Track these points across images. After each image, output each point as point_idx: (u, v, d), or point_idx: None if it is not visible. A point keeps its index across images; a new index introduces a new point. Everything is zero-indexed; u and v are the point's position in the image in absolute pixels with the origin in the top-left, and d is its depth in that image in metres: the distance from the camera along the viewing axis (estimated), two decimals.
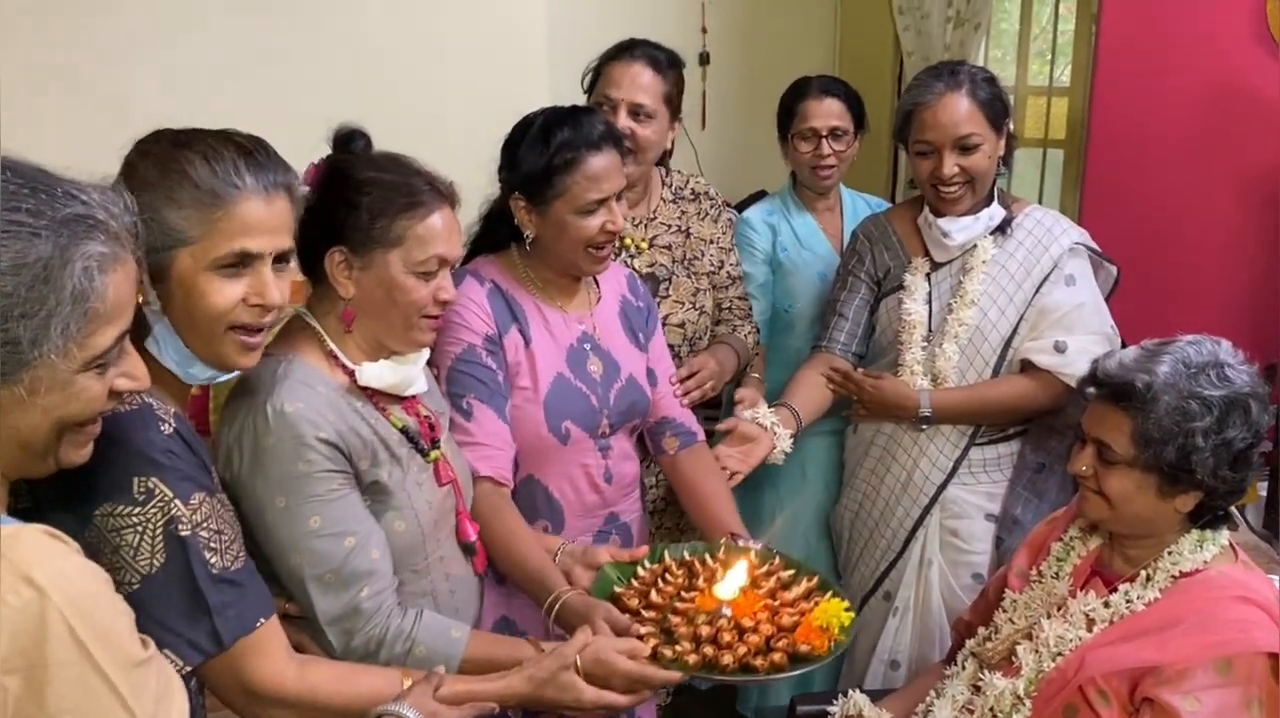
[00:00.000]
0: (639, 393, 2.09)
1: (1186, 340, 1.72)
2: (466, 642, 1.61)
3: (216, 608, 1.32)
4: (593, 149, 1.89)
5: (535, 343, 1.97)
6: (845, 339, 2.49)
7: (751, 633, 1.66)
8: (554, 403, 1.96)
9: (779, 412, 2.33)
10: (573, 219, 1.91)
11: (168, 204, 1.31)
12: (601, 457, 2.04)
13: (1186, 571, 1.70)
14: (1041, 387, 2.28)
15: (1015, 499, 2.37)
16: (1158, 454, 1.66)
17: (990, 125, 2.26)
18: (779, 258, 2.79)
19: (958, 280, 2.35)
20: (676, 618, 1.69)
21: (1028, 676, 1.76)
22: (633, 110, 2.31)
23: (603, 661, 1.56)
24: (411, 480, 1.67)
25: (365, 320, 1.65)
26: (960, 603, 2.40)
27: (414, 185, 1.63)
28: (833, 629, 1.69)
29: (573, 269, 2.00)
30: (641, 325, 2.15)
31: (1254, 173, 2.48)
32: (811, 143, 2.72)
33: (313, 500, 1.52)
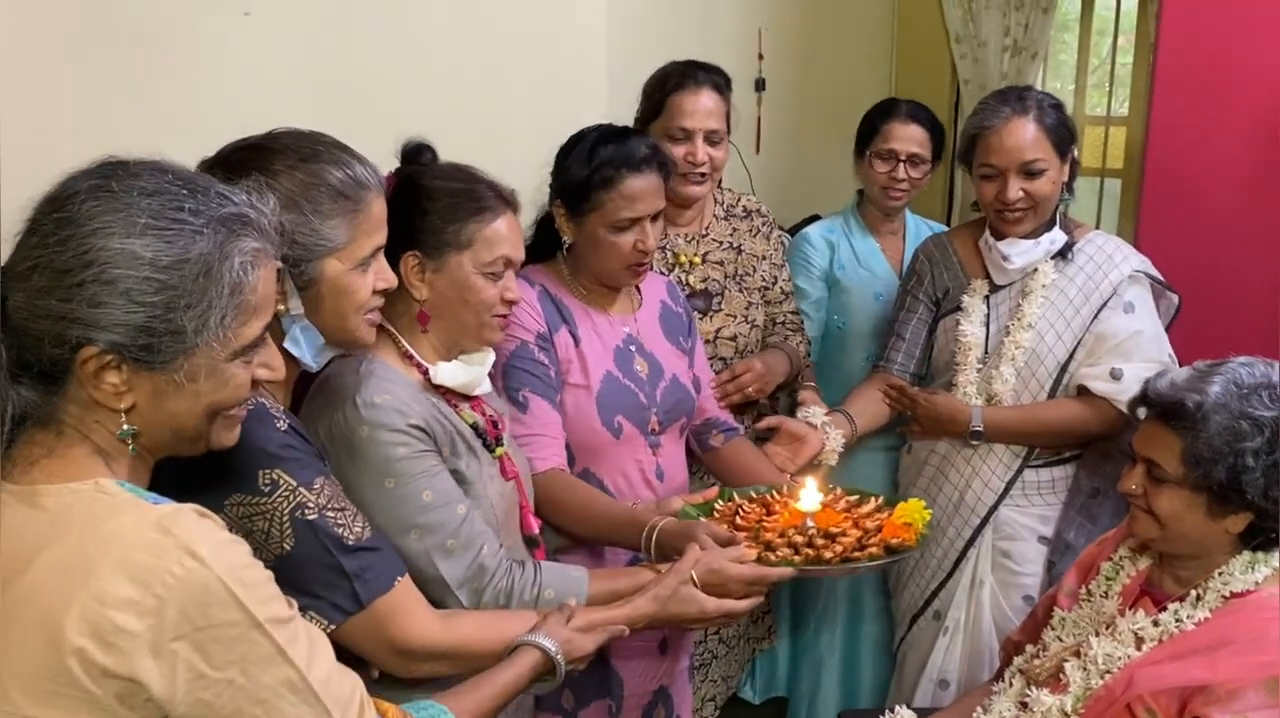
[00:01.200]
0: (684, 392, 2.15)
1: (1239, 362, 1.73)
2: (589, 579, 1.68)
3: (354, 572, 1.40)
4: (633, 170, 1.97)
5: (584, 343, 2.05)
6: (903, 359, 2.52)
7: (841, 537, 1.78)
8: (606, 399, 2.03)
9: (833, 415, 2.38)
10: (605, 234, 2.00)
11: (315, 215, 1.41)
12: (652, 453, 2.10)
13: (1237, 591, 1.70)
14: (1095, 412, 2.29)
15: (1069, 523, 2.37)
16: (1207, 474, 1.66)
17: (1055, 151, 2.28)
18: (836, 275, 2.82)
19: (1016, 303, 2.37)
20: (769, 533, 1.80)
21: (1075, 693, 1.76)
22: (708, 138, 2.37)
23: (716, 569, 1.66)
24: (485, 473, 1.73)
25: (439, 321, 1.72)
26: (1011, 624, 2.39)
27: (480, 191, 1.72)
28: (917, 524, 1.80)
29: (608, 280, 2.08)
30: (682, 330, 2.23)
31: None
32: (889, 164, 2.76)
33: (420, 477, 1.59)
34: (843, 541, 1.76)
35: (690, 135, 2.35)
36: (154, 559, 1.03)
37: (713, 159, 2.39)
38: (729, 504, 1.96)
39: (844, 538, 1.77)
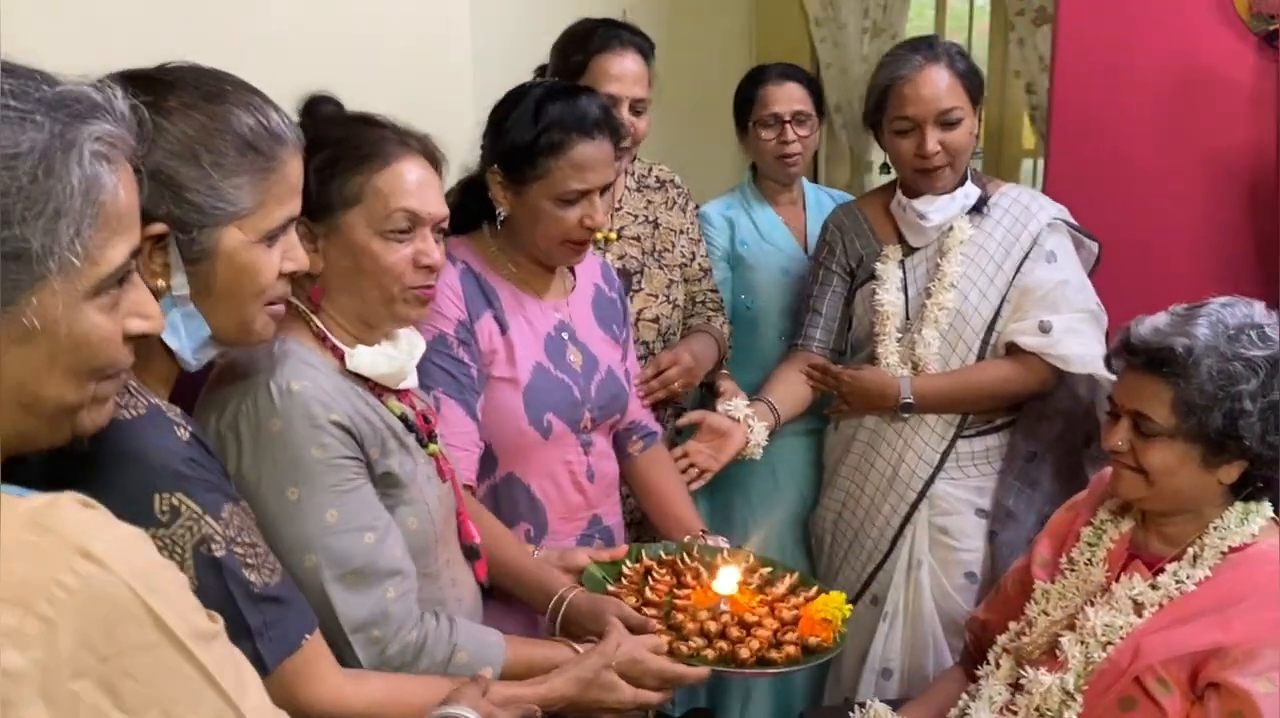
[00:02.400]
0: (619, 386, 1.94)
1: (1219, 302, 1.64)
2: (506, 646, 1.51)
3: (258, 630, 1.14)
4: (585, 135, 1.74)
5: (512, 330, 1.81)
6: (822, 336, 2.38)
7: (757, 627, 1.64)
8: (535, 394, 1.80)
9: (755, 406, 2.21)
10: (549, 207, 1.76)
11: (216, 170, 1.13)
12: (584, 453, 1.89)
13: (1235, 546, 1.61)
14: (1028, 369, 2.20)
15: (1007, 491, 2.27)
16: (1202, 422, 1.56)
17: (969, 99, 2.18)
18: (739, 252, 2.67)
19: (934, 264, 2.26)
20: (680, 614, 1.66)
21: (1076, 668, 1.63)
22: (633, 106, 2.18)
23: (636, 659, 1.52)
24: (421, 472, 1.49)
25: (339, 297, 1.46)
26: (954, 604, 2.30)
27: (368, 135, 1.45)
28: (835, 621, 1.66)
29: (546, 258, 1.85)
30: (616, 318, 2.01)
31: (1223, 153, 2.46)
32: (774, 129, 2.62)
33: (329, 491, 1.34)
34: (758, 633, 1.62)
35: (615, 102, 2.13)
36: (34, 568, 0.75)
37: (636, 130, 2.19)
38: (637, 568, 1.78)
39: (760, 630, 1.63)
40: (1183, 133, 2.52)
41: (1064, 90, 2.59)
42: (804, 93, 2.65)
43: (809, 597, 1.72)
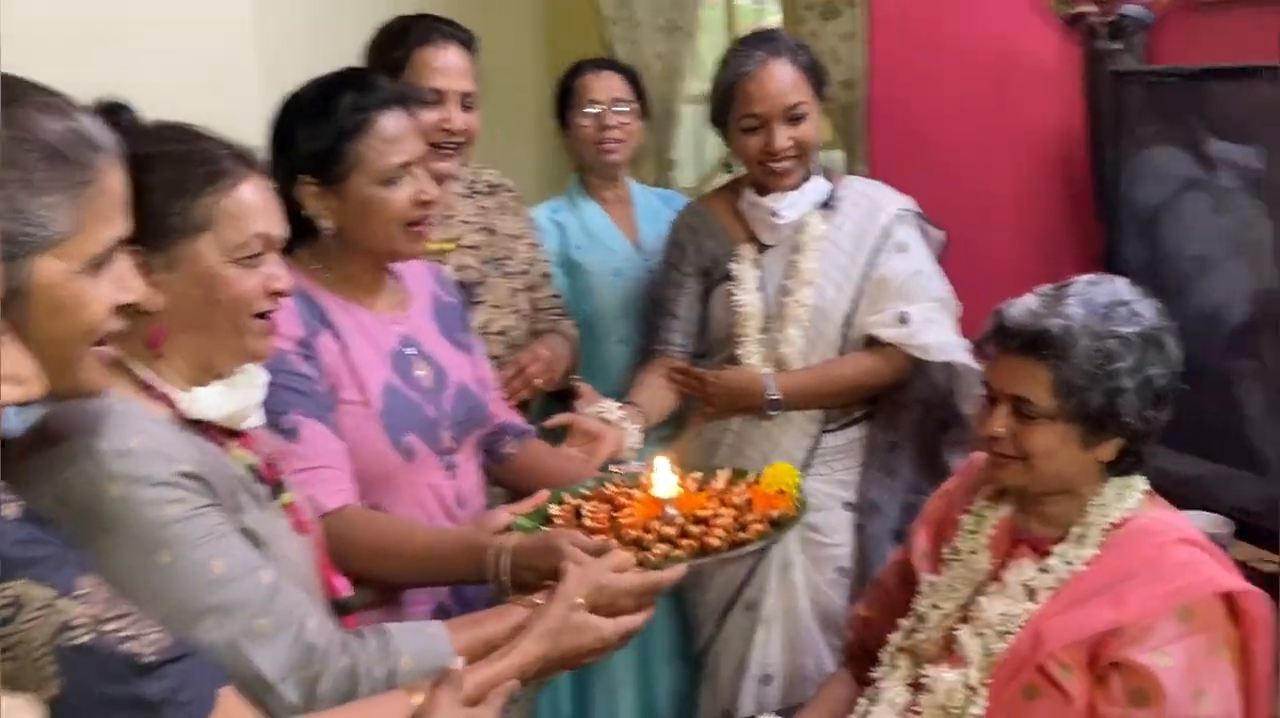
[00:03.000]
0: (474, 399, 1.81)
1: (1085, 281, 1.64)
2: (448, 633, 1.34)
3: (161, 700, 0.97)
4: (383, 108, 1.63)
5: (353, 349, 1.66)
6: (681, 339, 2.31)
7: (715, 519, 1.56)
8: (392, 415, 1.66)
9: (626, 408, 2.13)
10: (376, 192, 1.63)
11: (23, 188, 0.95)
12: (449, 476, 1.75)
13: (1116, 522, 1.61)
14: (887, 361, 2.20)
15: (870, 483, 2.27)
16: (1083, 402, 1.55)
17: (813, 93, 2.16)
18: (572, 257, 2.58)
19: (789, 261, 2.23)
20: (631, 529, 1.55)
21: (976, 662, 1.60)
22: (462, 101, 2.03)
23: (603, 585, 1.39)
24: (280, 528, 1.32)
25: (183, 336, 1.27)
26: (829, 601, 2.27)
27: (209, 151, 1.29)
28: (790, 490, 1.62)
29: (386, 254, 1.71)
30: (459, 325, 1.88)
31: (1035, 136, 2.54)
32: (594, 117, 2.53)
33: (205, 542, 1.17)
34: (719, 523, 1.53)
35: (442, 98, 1.99)
36: None
37: (469, 127, 2.05)
38: (566, 507, 1.66)
39: (719, 519, 1.54)
40: (996, 117, 2.59)
41: (881, 80, 2.63)
42: (622, 82, 2.60)
43: (751, 482, 1.66)
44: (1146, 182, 2.39)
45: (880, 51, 2.59)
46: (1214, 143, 2.27)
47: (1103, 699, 1.51)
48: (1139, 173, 2.39)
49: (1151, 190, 2.39)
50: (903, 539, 2.21)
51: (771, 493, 1.60)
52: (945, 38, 2.55)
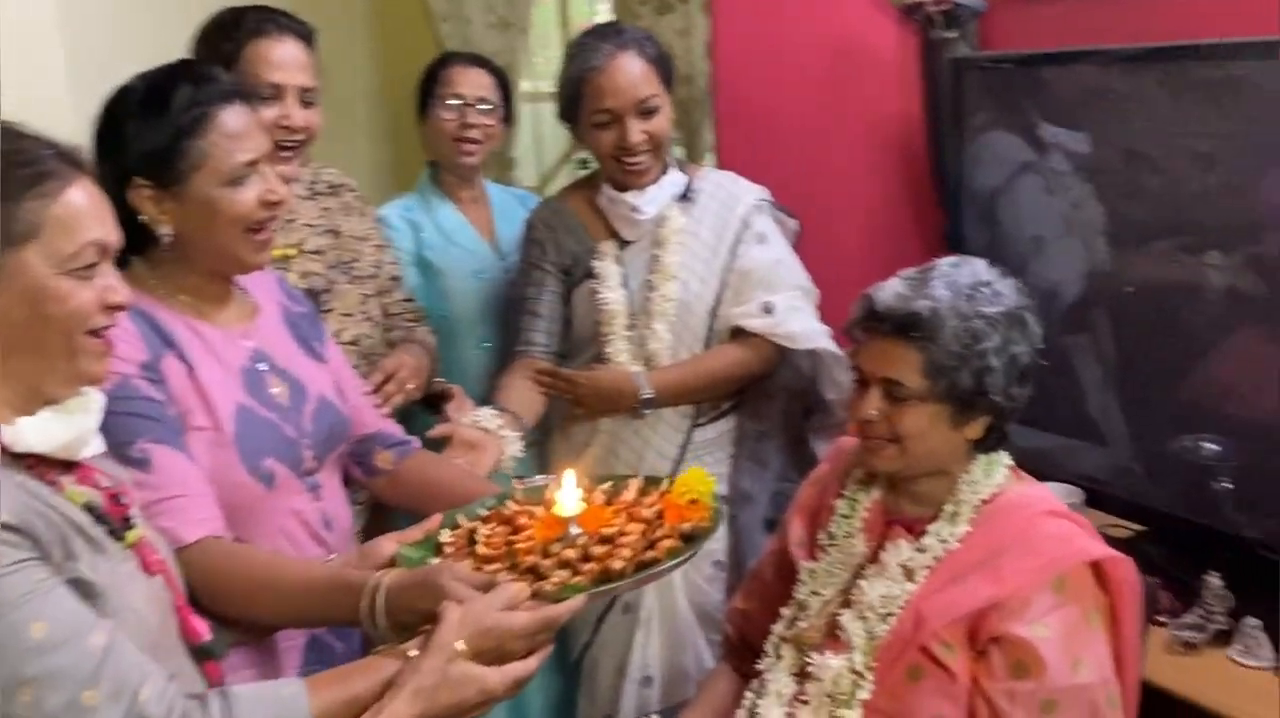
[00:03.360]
0: (335, 414, 1.70)
1: (947, 263, 1.67)
2: (308, 694, 1.19)
3: None
4: (224, 102, 1.51)
5: (200, 369, 1.53)
6: (545, 339, 2.25)
7: (621, 537, 1.42)
8: (246, 440, 1.54)
9: (503, 415, 2.05)
10: (221, 193, 1.51)
11: None
12: (314, 498, 1.64)
13: (986, 498, 1.64)
14: (754, 351, 2.19)
15: (741, 473, 2.26)
16: (953, 382, 1.58)
17: (663, 85, 2.13)
18: (426, 257, 2.48)
19: (652, 256, 2.20)
20: (529, 557, 1.39)
21: (860, 646, 1.60)
22: (302, 97, 1.91)
23: (489, 628, 1.23)
24: (121, 573, 1.20)
25: (8, 359, 1.15)
26: (706, 597, 2.26)
27: (32, 152, 1.17)
28: (704, 498, 1.50)
29: (230, 264, 1.59)
30: (313, 335, 1.77)
31: (876, 125, 2.59)
32: (456, 112, 2.44)
33: (24, 603, 1.04)
34: (625, 542, 1.40)
35: (280, 92, 1.87)
36: None
37: (309, 125, 1.94)
38: (459, 533, 1.52)
39: (626, 538, 1.42)
40: (838, 107, 2.63)
41: (724, 72, 2.63)
42: (492, 82, 2.52)
43: (663, 491, 1.54)
44: (983, 166, 2.46)
45: (723, 44, 2.59)
46: (1045, 127, 2.35)
47: (985, 674, 1.54)
48: (977, 158, 2.45)
49: (989, 174, 2.46)
50: (774, 528, 2.22)
51: (683, 503, 1.49)
52: (786, 30, 2.57)
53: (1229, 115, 2.02)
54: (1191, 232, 2.10)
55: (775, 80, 2.57)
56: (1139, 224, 2.22)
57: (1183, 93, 2.10)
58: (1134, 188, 2.22)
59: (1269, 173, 1.95)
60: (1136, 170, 2.20)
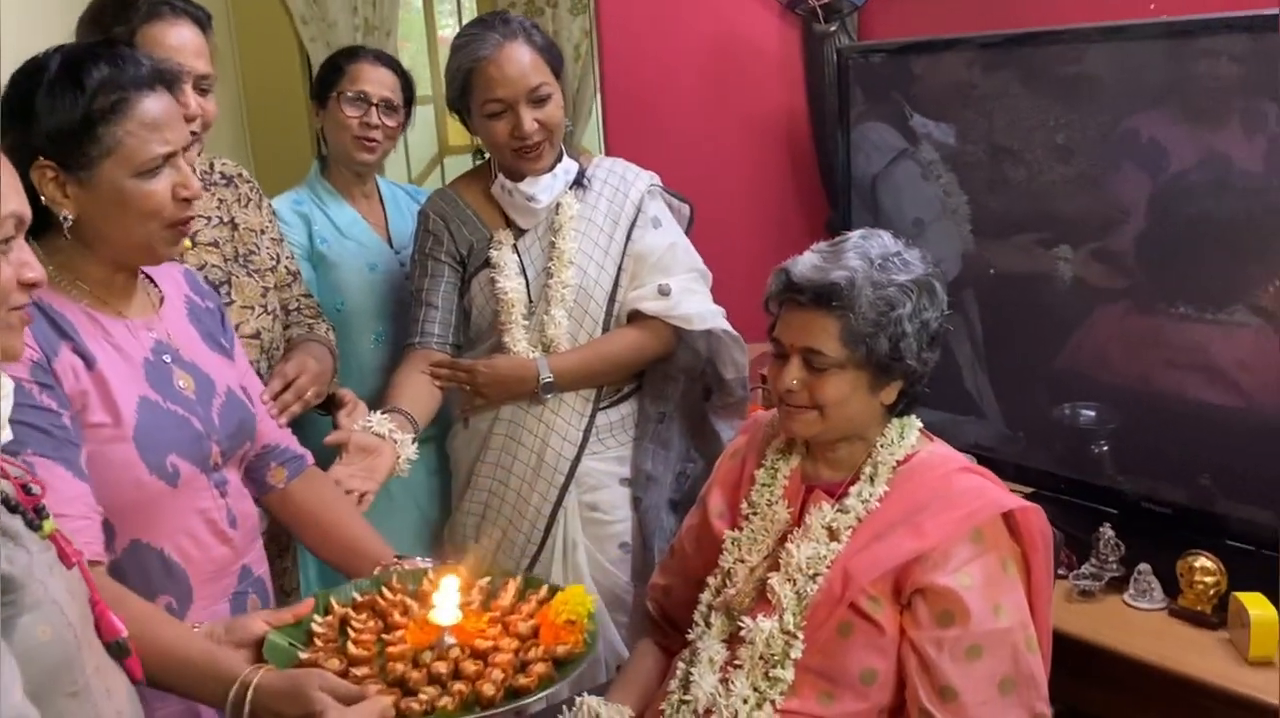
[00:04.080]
0: (243, 409, 1.65)
1: (858, 235, 1.73)
2: None
3: None
4: (145, 89, 1.44)
5: (102, 363, 1.45)
6: (440, 331, 2.22)
7: (494, 653, 1.43)
8: (149, 436, 1.47)
9: (393, 417, 2.01)
10: (133, 185, 1.44)
11: None
12: (220, 495, 1.58)
13: (902, 459, 1.71)
14: (653, 334, 2.21)
15: (644, 455, 2.28)
16: (870, 349, 1.64)
17: (553, 72, 2.13)
18: (320, 250, 2.41)
19: (548, 243, 2.20)
20: (400, 665, 1.40)
21: (790, 607, 1.65)
22: (198, 84, 1.84)
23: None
24: (39, 564, 1.12)
25: None
26: (613, 579, 2.27)
27: None
28: (581, 620, 1.48)
29: (139, 255, 1.51)
30: (218, 329, 1.70)
31: (761, 117, 2.65)
32: (360, 109, 2.39)
33: None
34: (498, 661, 1.41)
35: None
36: None
37: (206, 113, 1.87)
38: (329, 621, 1.49)
39: (498, 656, 1.42)
40: (724, 98, 2.69)
41: (611, 63, 2.66)
42: (396, 82, 2.46)
43: (541, 599, 1.54)
44: (864, 153, 2.55)
45: (609, 37, 2.62)
46: (918, 113, 2.46)
47: (912, 625, 1.61)
48: (857, 145, 2.54)
49: (869, 162, 2.55)
50: (679, 509, 2.26)
51: (560, 623, 1.47)
52: (671, 24, 2.61)
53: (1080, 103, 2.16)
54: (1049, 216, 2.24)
55: (660, 74, 2.62)
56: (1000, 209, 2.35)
57: (1037, 81, 2.23)
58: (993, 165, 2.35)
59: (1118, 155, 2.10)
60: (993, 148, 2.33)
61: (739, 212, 2.68)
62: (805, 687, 1.64)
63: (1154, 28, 2.06)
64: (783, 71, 2.66)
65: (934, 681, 1.57)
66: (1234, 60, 1.94)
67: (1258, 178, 1.91)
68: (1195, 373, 2.07)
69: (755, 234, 2.46)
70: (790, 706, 1.63)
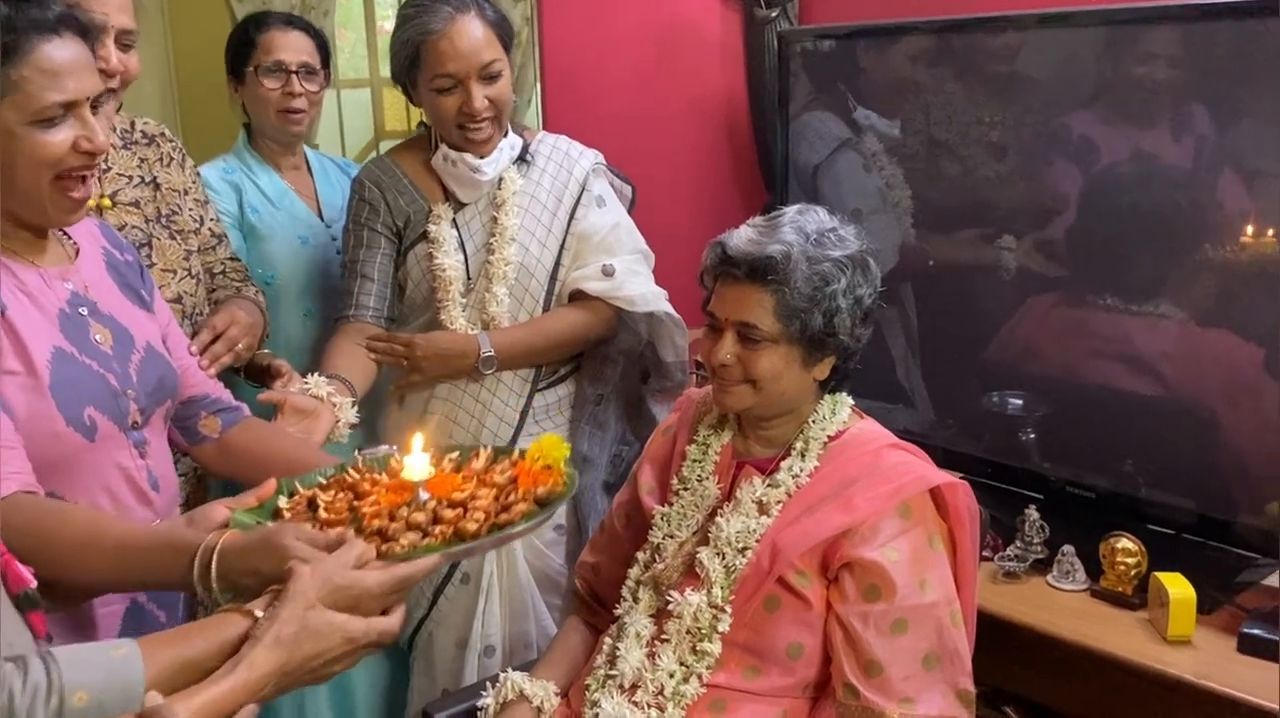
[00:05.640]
0: (164, 365, 1.60)
1: (794, 210, 1.73)
2: (142, 655, 1.07)
3: None
4: (49, 33, 1.37)
5: (13, 311, 1.41)
6: (375, 304, 2.17)
7: (473, 501, 1.36)
8: (64, 386, 1.42)
9: (334, 383, 1.97)
10: (27, 133, 1.37)
11: None
12: (139, 455, 1.53)
13: (833, 435, 1.71)
14: (595, 314, 2.19)
15: (581, 436, 2.25)
16: (804, 323, 1.63)
17: (504, 49, 2.10)
18: (250, 221, 2.35)
19: (490, 218, 2.16)
20: (376, 520, 1.32)
21: (718, 581, 1.64)
22: (120, 38, 1.78)
23: (342, 585, 1.16)
24: None
25: None
26: (547, 561, 2.25)
27: None
28: (558, 464, 1.45)
29: (31, 210, 1.44)
30: (138, 282, 1.65)
31: (700, 100, 2.65)
32: (279, 79, 2.32)
33: None
34: (479, 505, 1.35)
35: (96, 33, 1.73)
36: None
37: (127, 69, 1.81)
38: (298, 499, 1.43)
39: (477, 502, 1.36)
40: (664, 82, 2.68)
41: (551, 45, 2.63)
42: (312, 45, 2.38)
43: (514, 460, 1.48)
44: (806, 141, 2.55)
45: (550, 17, 2.60)
46: (859, 101, 2.47)
47: (838, 599, 1.60)
48: (800, 133, 2.55)
49: (811, 149, 2.56)
50: (614, 491, 2.23)
51: (537, 469, 1.44)
52: (612, 4, 2.60)
53: (1016, 97, 2.18)
54: (985, 210, 2.26)
55: (600, 55, 2.60)
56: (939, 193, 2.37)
57: (976, 70, 2.26)
58: (931, 157, 2.37)
59: (1050, 150, 2.13)
60: (932, 141, 2.35)
61: (677, 195, 2.68)
62: (732, 661, 1.63)
63: (1093, 15, 2.08)
64: (724, 56, 2.66)
65: (859, 655, 1.57)
66: (1166, 57, 1.98)
67: (1185, 174, 1.95)
68: (1120, 363, 2.11)
69: (692, 217, 2.45)
70: (716, 679, 1.63)
